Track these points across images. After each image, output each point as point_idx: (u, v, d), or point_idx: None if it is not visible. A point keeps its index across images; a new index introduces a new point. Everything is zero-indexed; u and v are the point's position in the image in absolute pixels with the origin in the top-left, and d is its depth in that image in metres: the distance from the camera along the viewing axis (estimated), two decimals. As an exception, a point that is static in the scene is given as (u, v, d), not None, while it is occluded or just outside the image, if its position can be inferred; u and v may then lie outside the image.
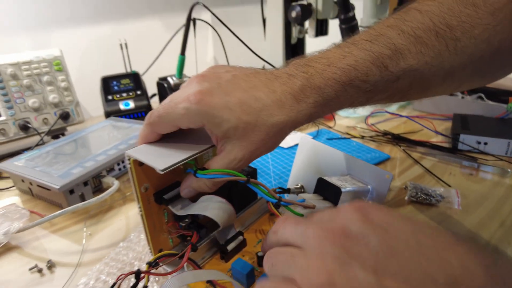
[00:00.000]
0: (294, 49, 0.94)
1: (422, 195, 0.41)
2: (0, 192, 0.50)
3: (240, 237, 0.33)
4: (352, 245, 0.18)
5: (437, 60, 0.29)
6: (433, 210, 0.40)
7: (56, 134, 0.65)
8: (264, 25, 0.95)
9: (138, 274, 0.25)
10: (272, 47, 0.92)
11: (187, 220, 0.31)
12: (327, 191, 0.34)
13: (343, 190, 0.32)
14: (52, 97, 0.63)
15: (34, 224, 0.38)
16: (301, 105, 0.28)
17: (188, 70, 0.78)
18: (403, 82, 0.30)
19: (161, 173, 0.26)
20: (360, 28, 0.71)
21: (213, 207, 0.30)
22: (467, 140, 0.52)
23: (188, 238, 0.31)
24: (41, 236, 0.40)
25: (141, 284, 0.25)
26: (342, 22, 0.66)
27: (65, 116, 0.65)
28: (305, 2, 0.80)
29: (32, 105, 0.61)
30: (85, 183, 0.45)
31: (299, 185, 0.40)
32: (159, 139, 0.31)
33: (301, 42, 0.93)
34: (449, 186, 0.44)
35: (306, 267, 0.18)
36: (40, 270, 0.35)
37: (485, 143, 0.51)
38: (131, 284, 0.25)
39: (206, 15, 0.80)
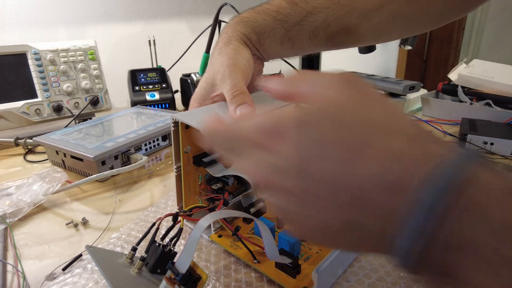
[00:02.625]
0: (310, 60, 0.99)
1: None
2: (34, 165, 0.54)
3: (261, 203, 0.36)
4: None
5: (348, 1, 0.35)
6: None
7: (85, 118, 0.69)
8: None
9: (176, 217, 0.28)
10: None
11: (218, 184, 0.35)
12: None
13: None
14: (84, 83, 0.68)
15: (71, 186, 0.42)
16: (233, 33, 0.36)
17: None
18: (317, 18, 0.36)
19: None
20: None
21: None
22: (474, 139, 0.55)
23: (216, 202, 0.34)
24: (75, 200, 0.43)
25: (176, 228, 0.28)
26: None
27: (94, 102, 0.69)
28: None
29: (66, 89, 0.66)
30: (116, 157, 0.49)
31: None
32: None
33: (316, 55, 0.98)
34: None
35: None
36: (76, 225, 0.38)
37: (492, 144, 0.54)
38: (169, 226, 0.28)
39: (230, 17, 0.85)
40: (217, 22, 0.73)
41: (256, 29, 0.36)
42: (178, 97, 0.88)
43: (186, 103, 0.84)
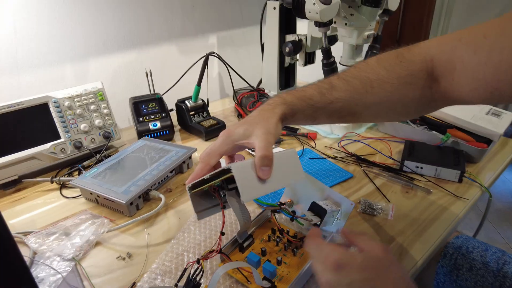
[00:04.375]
0: (287, 70, 1.12)
1: (369, 209, 0.62)
2: (71, 200, 0.70)
3: (251, 238, 0.53)
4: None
5: (357, 96, 0.49)
6: (374, 220, 0.61)
7: (100, 149, 0.83)
8: (262, 49, 1.12)
9: (198, 261, 0.45)
10: (268, 68, 1.10)
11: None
12: (318, 210, 0.54)
13: (328, 211, 0.52)
14: (98, 122, 0.81)
15: (115, 228, 0.58)
16: (272, 105, 0.48)
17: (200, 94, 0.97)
18: (336, 106, 0.50)
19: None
20: (340, 67, 0.90)
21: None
22: (409, 165, 0.73)
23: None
24: (115, 235, 0.60)
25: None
26: (324, 66, 0.84)
27: (107, 136, 0.83)
28: (296, 38, 0.98)
29: (83, 129, 0.79)
30: (139, 197, 0.65)
31: (290, 200, 0.60)
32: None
33: (292, 66, 1.12)
34: (389, 201, 0.65)
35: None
36: (123, 259, 0.55)
37: (421, 168, 0.72)
38: (194, 269, 0.45)
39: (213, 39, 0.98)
40: (206, 65, 0.87)
41: (293, 110, 0.49)
42: (174, 114, 1.01)
43: (181, 122, 0.98)
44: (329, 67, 0.83)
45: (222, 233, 0.47)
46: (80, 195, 0.70)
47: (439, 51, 0.46)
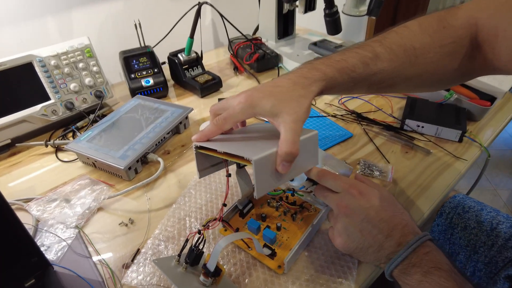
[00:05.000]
0: (285, 17, 1.05)
1: (368, 170, 0.62)
2: (67, 164, 0.69)
3: (250, 204, 0.54)
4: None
5: (401, 67, 0.46)
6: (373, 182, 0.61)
7: (93, 109, 0.80)
8: (259, -4, 1.04)
9: (199, 231, 0.45)
10: (265, 15, 1.03)
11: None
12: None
13: None
14: (88, 81, 0.77)
15: (116, 194, 0.58)
16: (309, 80, 0.42)
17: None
18: (377, 77, 0.46)
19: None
20: (343, 17, 0.84)
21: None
22: (411, 124, 0.71)
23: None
24: (116, 201, 0.60)
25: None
26: (326, 16, 0.78)
27: (98, 95, 0.80)
28: (296, -17, 0.90)
29: (73, 89, 0.76)
30: (137, 161, 0.64)
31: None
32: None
33: (291, 13, 1.04)
34: (388, 162, 0.65)
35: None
36: (126, 225, 0.55)
37: (422, 127, 0.71)
38: (196, 238, 0.46)
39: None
40: (199, 14, 0.80)
41: (332, 85, 0.44)
42: (166, 67, 0.97)
43: (174, 77, 0.94)
44: (332, 17, 0.78)
45: (224, 205, 0.47)
46: (77, 158, 0.69)
47: (485, 15, 0.42)
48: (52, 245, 0.52)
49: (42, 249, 0.48)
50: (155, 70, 0.86)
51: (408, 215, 0.43)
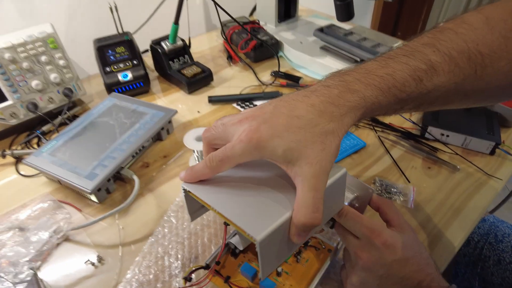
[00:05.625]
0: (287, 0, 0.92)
1: (385, 193, 0.52)
2: (29, 179, 0.58)
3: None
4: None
5: (463, 82, 0.33)
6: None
7: (60, 110, 0.69)
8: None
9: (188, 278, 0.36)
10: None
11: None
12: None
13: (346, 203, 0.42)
14: (53, 77, 0.65)
15: (80, 226, 0.48)
16: (342, 109, 0.30)
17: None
18: (432, 96, 0.33)
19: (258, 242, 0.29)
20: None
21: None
22: (434, 132, 0.61)
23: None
24: (83, 230, 0.50)
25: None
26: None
27: (67, 94, 0.68)
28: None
29: (35, 87, 0.64)
30: (108, 179, 0.53)
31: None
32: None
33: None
34: (409, 182, 0.55)
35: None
36: (93, 264, 0.46)
37: (447, 136, 0.60)
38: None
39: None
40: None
41: (373, 110, 0.32)
42: (148, 54, 0.84)
43: (158, 69, 0.82)
44: (343, 1, 0.65)
45: (218, 263, 0.37)
46: (40, 173, 0.58)
47: None
48: (-1, 294, 0.42)
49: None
50: (134, 62, 0.74)
51: (434, 265, 0.36)
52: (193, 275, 0.39)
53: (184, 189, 0.35)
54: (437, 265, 0.37)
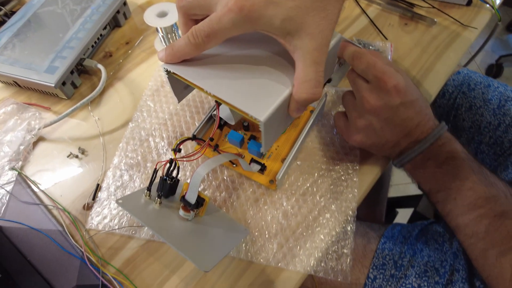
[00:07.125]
0: None
1: (364, 52, 0.51)
2: (-18, 85, 0.53)
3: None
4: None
5: None
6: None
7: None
8: None
9: (171, 161, 0.36)
10: None
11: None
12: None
13: None
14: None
15: (53, 121, 0.45)
16: None
17: None
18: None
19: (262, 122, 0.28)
20: None
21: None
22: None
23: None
24: (58, 126, 0.47)
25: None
26: None
27: (-4, -17, 0.57)
28: None
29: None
30: (71, 72, 0.49)
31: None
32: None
33: None
34: (386, 39, 0.53)
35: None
36: (76, 156, 0.45)
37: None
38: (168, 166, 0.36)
39: None
40: None
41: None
42: None
43: None
44: None
45: (211, 139, 0.36)
46: (-8, 76, 0.53)
47: None
48: (-13, 194, 0.41)
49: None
50: None
51: (429, 106, 0.38)
52: (181, 147, 0.39)
53: (166, 70, 0.32)
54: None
